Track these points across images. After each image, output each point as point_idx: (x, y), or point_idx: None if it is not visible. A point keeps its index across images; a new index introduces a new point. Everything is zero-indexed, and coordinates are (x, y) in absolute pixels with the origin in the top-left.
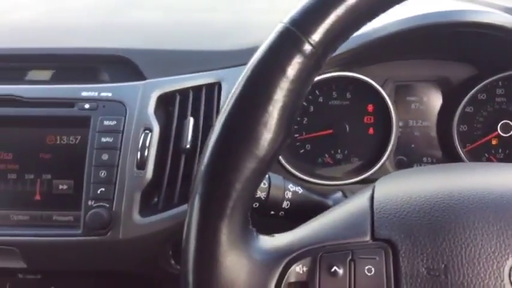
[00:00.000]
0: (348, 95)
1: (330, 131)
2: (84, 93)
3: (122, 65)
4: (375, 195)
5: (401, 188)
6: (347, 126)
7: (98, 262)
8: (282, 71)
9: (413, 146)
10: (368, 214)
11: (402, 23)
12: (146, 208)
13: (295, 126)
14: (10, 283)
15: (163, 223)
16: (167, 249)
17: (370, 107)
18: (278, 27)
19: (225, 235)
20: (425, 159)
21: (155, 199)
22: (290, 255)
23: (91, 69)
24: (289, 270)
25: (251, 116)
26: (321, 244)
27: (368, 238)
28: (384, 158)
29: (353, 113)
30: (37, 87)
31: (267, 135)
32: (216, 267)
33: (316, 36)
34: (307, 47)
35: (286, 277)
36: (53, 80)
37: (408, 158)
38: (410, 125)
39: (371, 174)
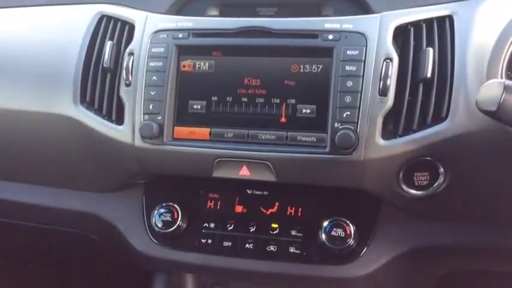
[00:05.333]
0: None
1: None
2: (327, 25)
3: (346, 1)
4: None
5: None
6: None
7: (339, 179)
8: None
9: None
10: None
11: None
12: (387, 132)
13: None
14: (239, 197)
15: (402, 147)
16: (399, 173)
17: None
18: None
19: None
20: None
21: (391, 125)
22: None
23: (316, 4)
24: None
25: None
26: None
27: None
28: None
29: None
30: (283, 20)
31: None
32: None
33: None
34: None
35: None
36: (278, 16)
37: None
38: None
39: None
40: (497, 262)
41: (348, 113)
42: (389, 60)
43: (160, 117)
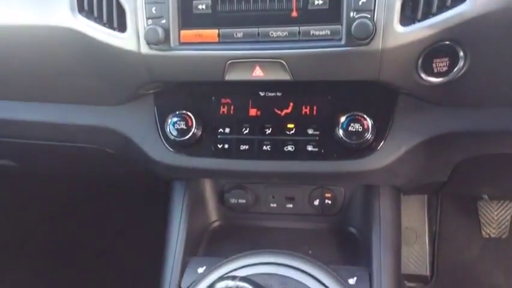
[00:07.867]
0: None
1: None
2: None
3: None
4: None
5: None
6: None
7: (356, 72)
8: None
9: None
10: None
11: None
12: (405, 18)
13: None
14: (252, 100)
15: (421, 32)
16: (418, 60)
17: None
18: None
19: None
20: None
21: (409, 11)
22: None
23: None
24: None
25: None
26: None
27: None
28: None
29: None
30: None
31: None
32: None
33: None
34: None
35: None
36: None
37: None
38: None
39: None
40: None
41: (364, 0)
42: None
43: (164, 21)
